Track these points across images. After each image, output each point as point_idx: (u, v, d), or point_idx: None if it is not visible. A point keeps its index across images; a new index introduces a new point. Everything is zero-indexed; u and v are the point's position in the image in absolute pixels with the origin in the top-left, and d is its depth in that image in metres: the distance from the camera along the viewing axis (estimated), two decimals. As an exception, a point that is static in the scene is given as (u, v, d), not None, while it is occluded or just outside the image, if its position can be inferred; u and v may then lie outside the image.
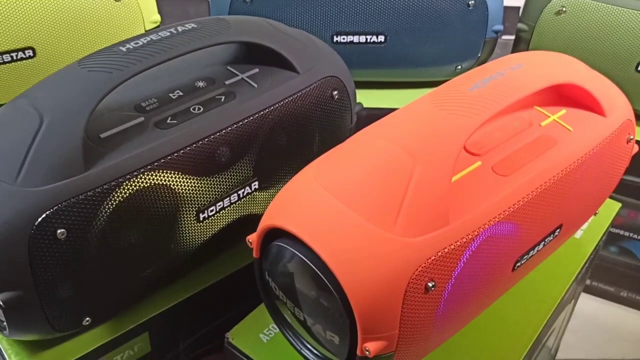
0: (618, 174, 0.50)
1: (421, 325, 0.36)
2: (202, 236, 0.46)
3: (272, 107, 0.47)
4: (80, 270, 0.39)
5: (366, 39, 0.69)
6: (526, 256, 0.43)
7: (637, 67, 0.67)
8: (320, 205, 0.36)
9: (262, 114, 0.46)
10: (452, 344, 0.44)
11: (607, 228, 0.60)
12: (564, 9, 0.68)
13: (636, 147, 0.53)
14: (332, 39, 0.69)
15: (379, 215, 0.35)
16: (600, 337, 0.81)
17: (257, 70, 0.48)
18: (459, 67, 0.74)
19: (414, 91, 0.77)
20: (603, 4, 0.66)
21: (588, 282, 0.83)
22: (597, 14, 0.66)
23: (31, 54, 0.63)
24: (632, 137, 0.49)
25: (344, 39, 0.69)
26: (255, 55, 0.49)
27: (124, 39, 0.67)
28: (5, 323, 0.39)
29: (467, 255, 0.37)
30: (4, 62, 0.62)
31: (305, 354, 0.41)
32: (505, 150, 0.42)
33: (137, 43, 0.42)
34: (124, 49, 0.42)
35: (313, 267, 0.35)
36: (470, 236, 0.36)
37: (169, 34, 0.43)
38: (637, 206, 0.74)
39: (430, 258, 0.35)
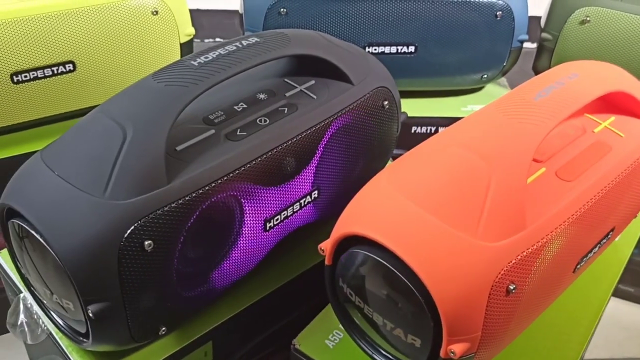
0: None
1: (501, 326, 0.37)
2: (268, 244, 0.47)
3: (331, 118, 0.48)
4: (162, 281, 0.40)
5: (397, 49, 0.71)
6: (585, 258, 0.45)
7: (660, 74, 0.69)
8: (400, 211, 0.38)
9: (323, 125, 0.47)
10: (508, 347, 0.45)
11: (642, 230, 0.62)
12: (588, 19, 0.70)
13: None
14: (365, 49, 0.70)
15: (461, 221, 0.36)
16: (622, 335, 0.83)
17: (313, 82, 0.50)
18: (485, 76, 0.76)
19: (440, 100, 0.78)
20: (627, 14, 0.69)
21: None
22: (621, 24, 0.69)
23: (71, 68, 0.64)
24: (674, 141, 0.51)
25: (375, 49, 0.71)
26: (310, 67, 0.50)
27: (159, 51, 0.69)
28: (90, 334, 0.39)
29: (541, 258, 0.38)
30: (45, 77, 0.63)
31: (378, 359, 0.42)
32: (566, 157, 0.44)
33: (207, 57, 0.43)
34: (195, 63, 0.42)
35: (399, 274, 0.36)
36: (544, 240, 0.38)
37: (235, 48, 0.44)
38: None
39: (511, 262, 0.36)
